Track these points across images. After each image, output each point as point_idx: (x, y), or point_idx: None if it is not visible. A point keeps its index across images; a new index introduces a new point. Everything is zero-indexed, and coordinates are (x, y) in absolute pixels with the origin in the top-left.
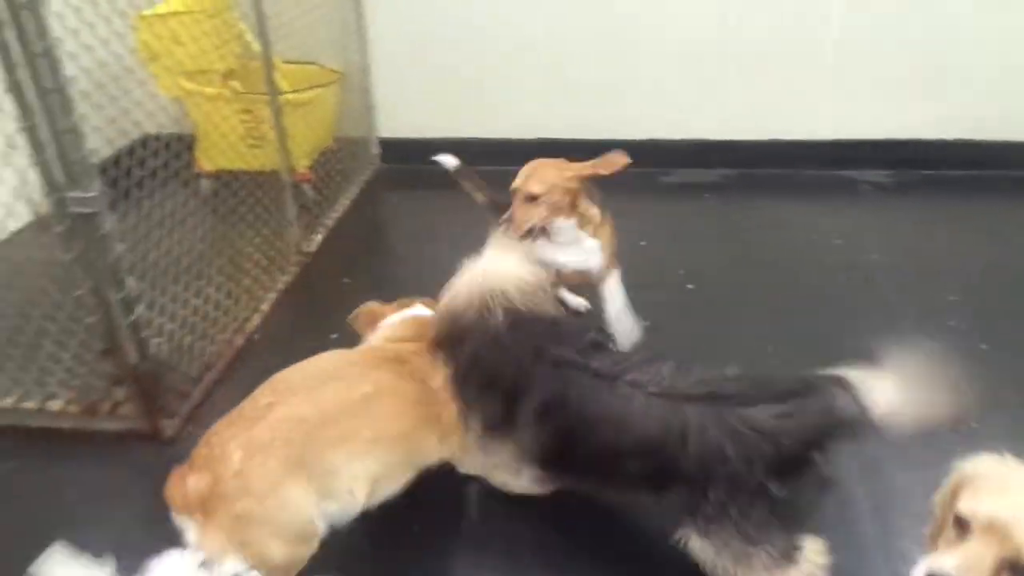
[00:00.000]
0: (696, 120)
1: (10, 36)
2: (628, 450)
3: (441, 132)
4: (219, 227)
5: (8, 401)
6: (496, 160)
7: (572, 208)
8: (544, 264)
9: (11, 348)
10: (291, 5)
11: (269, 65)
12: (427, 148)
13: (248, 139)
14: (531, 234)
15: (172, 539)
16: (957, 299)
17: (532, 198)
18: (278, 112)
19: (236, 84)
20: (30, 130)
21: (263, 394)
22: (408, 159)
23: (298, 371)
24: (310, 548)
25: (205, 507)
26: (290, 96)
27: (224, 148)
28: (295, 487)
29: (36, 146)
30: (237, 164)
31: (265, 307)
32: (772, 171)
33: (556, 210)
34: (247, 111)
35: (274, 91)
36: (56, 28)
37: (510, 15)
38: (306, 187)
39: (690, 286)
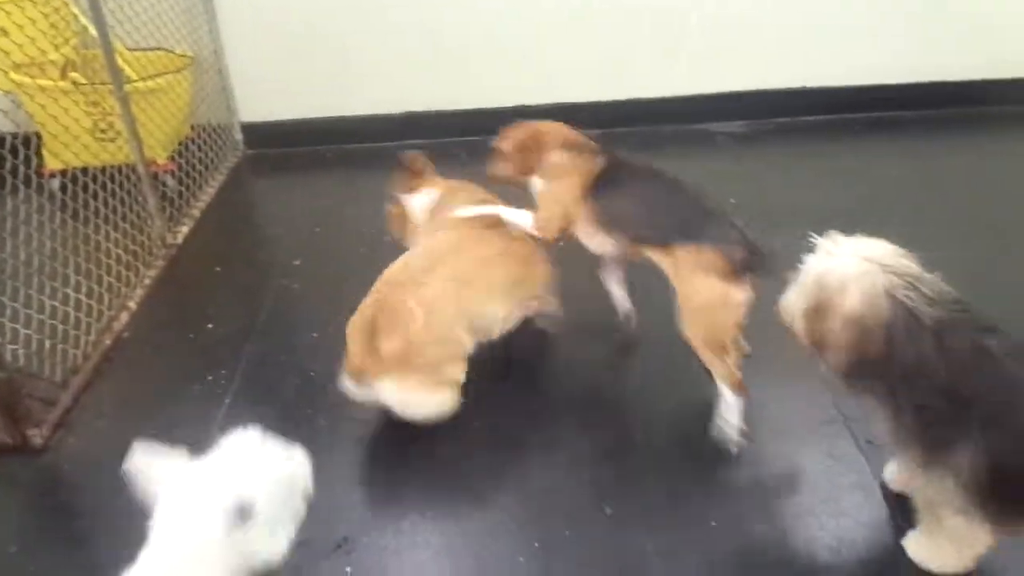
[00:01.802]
0: (561, 84)
1: None
2: None
3: (305, 112)
4: (73, 225)
5: None
6: (365, 138)
7: None
8: None
9: None
10: None
11: (109, 53)
12: (292, 130)
13: (97, 132)
14: None
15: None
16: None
17: None
18: (125, 102)
19: (77, 75)
20: None
21: (411, 264)
22: (274, 143)
23: (442, 240)
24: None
25: (401, 362)
26: (137, 84)
27: (71, 143)
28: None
29: None
30: (88, 159)
31: (132, 304)
32: (633, 129)
33: None
34: (94, 103)
35: (119, 80)
36: None
37: None
38: (167, 178)
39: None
